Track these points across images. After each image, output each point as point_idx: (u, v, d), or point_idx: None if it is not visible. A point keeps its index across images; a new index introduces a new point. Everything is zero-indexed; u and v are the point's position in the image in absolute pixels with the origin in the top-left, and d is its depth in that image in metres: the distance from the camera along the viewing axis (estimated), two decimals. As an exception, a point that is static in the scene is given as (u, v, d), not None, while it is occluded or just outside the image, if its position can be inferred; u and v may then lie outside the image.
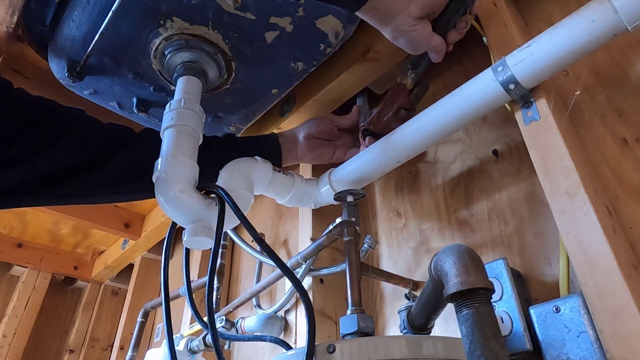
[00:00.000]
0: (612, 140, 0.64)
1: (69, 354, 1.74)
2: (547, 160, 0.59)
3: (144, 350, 1.16)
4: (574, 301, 0.53)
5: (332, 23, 0.78)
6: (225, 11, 0.74)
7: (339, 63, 0.92)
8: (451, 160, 0.87)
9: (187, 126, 0.68)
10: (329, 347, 0.48)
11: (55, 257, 1.86)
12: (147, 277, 1.74)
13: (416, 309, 0.59)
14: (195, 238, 0.59)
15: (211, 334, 0.55)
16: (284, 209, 1.20)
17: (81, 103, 0.97)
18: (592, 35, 0.55)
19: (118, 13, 0.74)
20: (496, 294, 0.60)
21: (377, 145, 0.78)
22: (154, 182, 0.63)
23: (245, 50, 0.81)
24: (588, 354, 0.50)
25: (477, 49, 0.89)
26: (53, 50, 0.84)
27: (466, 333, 0.40)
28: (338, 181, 0.81)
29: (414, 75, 0.79)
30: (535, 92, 0.63)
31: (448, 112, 0.68)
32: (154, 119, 0.97)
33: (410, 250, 0.87)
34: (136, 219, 1.68)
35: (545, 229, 0.68)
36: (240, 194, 0.66)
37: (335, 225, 0.75)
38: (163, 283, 0.62)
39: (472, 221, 0.79)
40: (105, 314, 1.86)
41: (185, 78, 0.77)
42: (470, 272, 0.43)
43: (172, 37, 0.77)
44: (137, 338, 1.23)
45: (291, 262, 0.84)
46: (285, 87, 0.91)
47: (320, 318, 0.86)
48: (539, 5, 0.81)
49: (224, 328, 0.94)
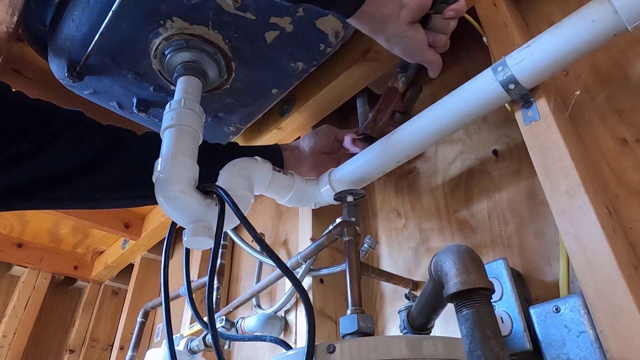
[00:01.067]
0: (612, 140, 0.65)
1: (69, 354, 1.74)
2: (547, 160, 0.59)
3: (144, 350, 1.16)
4: (574, 301, 0.53)
5: (332, 23, 0.78)
6: (225, 11, 0.74)
7: (339, 63, 0.92)
8: (451, 160, 0.87)
9: (187, 126, 0.68)
10: (329, 347, 0.48)
11: (55, 257, 1.86)
12: (147, 277, 1.74)
13: (416, 309, 0.59)
14: (195, 238, 0.59)
15: (211, 334, 0.55)
16: (284, 209, 1.20)
17: (81, 103, 0.97)
18: (592, 35, 0.55)
19: (118, 13, 0.74)
20: (496, 294, 0.60)
21: (377, 145, 0.78)
22: (154, 182, 0.63)
23: (245, 50, 0.81)
24: (588, 354, 0.50)
25: (477, 49, 0.89)
26: (53, 50, 0.84)
27: (466, 333, 0.40)
28: (338, 181, 0.81)
29: (404, 79, 0.79)
30: (535, 92, 0.63)
31: (448, 112, 0.68)
32: (154, 119, 0.97)
33: (410, 250, 0.87)
34: (136, 219, 1.68)
35: (545, 229, 0.68)
36: (240, 194, 0.66)
37: (335, 225, 0.75)
38: (163, 283, 0.62)
39: (472, 221, 0.79)
40: (105, 314, 1.86)
41: (185, 78, 0.77)
42: (470, 272, 0.43)
43: (172, 37, 0.77)
44: (137, 338, 1.22)
45: (291, 262, 0.84)
46: (285, 87, 0.91)
47: (320, 318, 0.86)
48: (539, 5, 0.81)
49: (224, 328, 0.94)
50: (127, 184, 0.73)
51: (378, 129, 0.81)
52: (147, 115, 0.96)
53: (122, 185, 0.73)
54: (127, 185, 0.74)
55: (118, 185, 0.73)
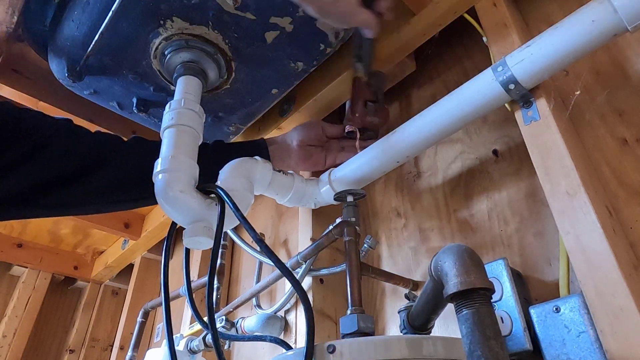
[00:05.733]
0: (612, 140, 0.65)
1: (69, 354, 1.74)
2: (547, 160, 0.59)
3: (144, 350, 1.16)
4: (574, 301, 0.53)
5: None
6: (225, 11, 0.74)
7: (339, 63, 0.92)
8: (451, 160, 0.87)
9: (187, 126, 0.68)
10: (329, 347, 0.47)
11: (55, 257, 1.86)
12: (147, 277, 1.74)
13: (416, 309, 0.59)
14: (195, 238, 0.58)
15: (211, 334, 0.55)
16: (284, 209, 1.20)
17: (81, 103, 0.97)
18: (592, 35, 0.55)
19: (118, 13, 0.74)
20: (496, 294, 0.60)
21: (377, 145, 0.78)
22: (154, 182, 0.63)
23: (245, 50, 0.81)
24: (588, 354, 0.50)
25: (477, 49, 0.89)
26: (53, 50, 0.84)
27: (466, 333, 0.40)
28: (338, 181, 0.81)
29: (362, 66, 0.80)
30: (535, 92, 0.63)
31: (448, 112, 0.68)
32: (154, 119, 0.97)
33: (410, 250, 0.87)
34: (136, 219, 1.68)
35: (545, 229, 0.68)
36: (240, 194, 0.66)
37: (335, 225, 0.75)
38: (163, 283, 0.62)
39: (472, 221, 0.79)
40: (105, 314, 1.86)
41: (185, 78, 0.77)
42: (470, 272, 0.43)
43: (172, 37, 0.77)
44: (137, 338, 1.22)
45: (291, 262, 0.83)
46: (285, 87, 0.91)
47: (320, 318, 0.86)
48: (539, 5, 0.81)
49: (224, 328, 0.94)
50: (119, 188, 0.74)
51: (358, 119, 0.83)
52: (147, 115, 0.96)
53: (115, 189, 0.74)
54: (120, 188, 0.74)
55: (111, 189, 0.74)
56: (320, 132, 0.89)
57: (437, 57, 0.98)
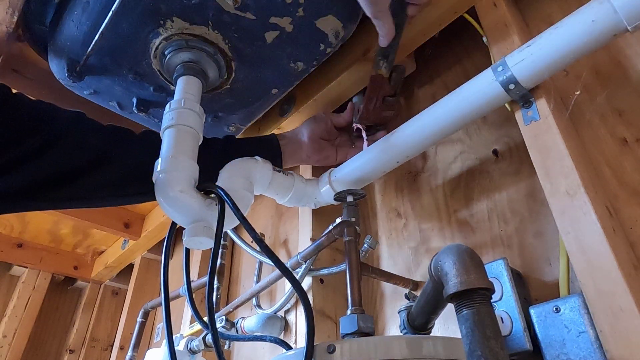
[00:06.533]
0: (612, 140, 0.64)
1: (69, 354, 1.74)
2: (547, 160, 0.59)
3: (144, 350, 1.16)
4: (574, 301, 0.53)
5: (332, 23, 0.78)
6: (225, 11, 0.74)
7: (339, 63, 0.92)
8: (451, 160, 0.87)
9: (187, 126, 0.68)
10: (329, 347, 0.47)
11: (55, 257, 1.86)
12: (147, 277, 1.74)
13: (416, 309, 0.59)
14: (195, 238, 0.58)
15: (211, 334, 0.55)
16: (284, 209, 1.20)
17: (81, 103, 0.97)
18: (592, 35, 0.55)
19: (118, 13, 0.74)
20: (496, 294, 0.60)
21: (377, 145, 0.78)
22: (154, 182, 0.63)
23: (245, 50, 0.81)
24: (588, 354, 0.50)
25: (477, 49, 0.89)
26: (53, 50, 0.84)
27: (466, 333, 0.40)
28: (338, 181, 0.81)
29: (387, 64, 0.80)
30: (535, 92, 0.63)
31: (448, 112, 0.68)
32: (154, 119, 0.97)
33: (410, 250, 0.87)
34: (136, 219, 1.68)
35: (545, 229, 0.68)
36: (240, 194, 0.66)
37: (335, 225, 0.75)
38: (163, 283, 0.62)
39: (472, 221, 0.79)
40: (105, 314, 1.86)
41: (185, 78, 0.77)
42: (470, 272, 0.43)
43: (172, 37, 0.77)
44: (137, 338, 1.23)
45: (291, 262, 0.84)
46: (285, 87, 0.91)
47: (320, 318, 0.86)
48: (539, 5, 0.81)
49: (224, 328, 0.94)
50: (129, 181, 0.74)
51: (373, 116, 0.83)
52: (147, 115, 0.96)
53: (124, 182, 0.74)
54: (129, 182, 0.74)
55: (121, 182, 0.74)
56: (329, 124, 0.90)
57: (437, 57, 0.98)
